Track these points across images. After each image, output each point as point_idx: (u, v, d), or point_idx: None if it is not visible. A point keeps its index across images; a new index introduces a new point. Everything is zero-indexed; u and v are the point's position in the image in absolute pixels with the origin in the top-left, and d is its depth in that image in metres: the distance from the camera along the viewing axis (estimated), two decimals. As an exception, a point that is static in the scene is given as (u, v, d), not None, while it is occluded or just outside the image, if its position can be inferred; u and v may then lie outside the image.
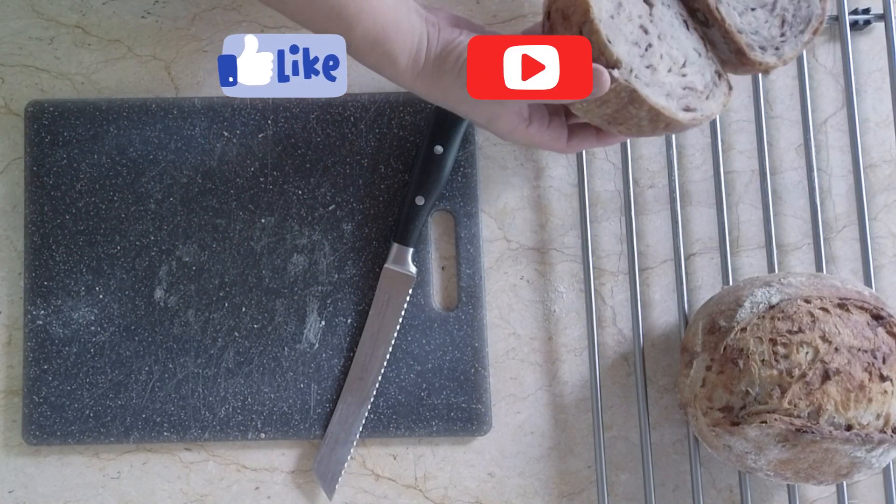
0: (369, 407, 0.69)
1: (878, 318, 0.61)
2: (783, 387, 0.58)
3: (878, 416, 0.59)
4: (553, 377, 0.71)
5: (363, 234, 0.70)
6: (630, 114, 0.54)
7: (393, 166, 0.70)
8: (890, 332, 0.61)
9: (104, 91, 0.72)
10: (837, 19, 0.73)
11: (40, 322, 0.69)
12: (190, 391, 0.69)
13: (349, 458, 0.68)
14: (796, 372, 0.58)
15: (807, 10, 0.58)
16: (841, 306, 0.61)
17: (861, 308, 0.61)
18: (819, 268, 0.70)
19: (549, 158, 0.73)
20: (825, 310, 0.60)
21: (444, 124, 0.68)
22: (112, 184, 0.70)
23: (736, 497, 0.69)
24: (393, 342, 0.69)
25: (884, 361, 0.59)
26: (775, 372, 0.59)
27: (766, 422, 0.58)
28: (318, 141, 0.71)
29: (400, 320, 0.69)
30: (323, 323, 0.69)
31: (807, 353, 0.59)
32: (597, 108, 0.55)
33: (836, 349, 0.59)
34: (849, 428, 0.58)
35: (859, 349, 0.59)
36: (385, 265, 0.69)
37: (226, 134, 0.71)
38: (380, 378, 0.69)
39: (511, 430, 0.70)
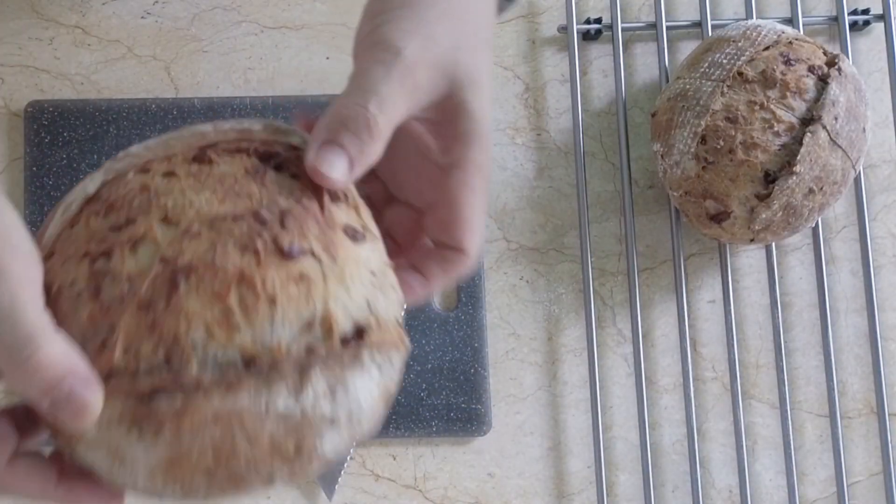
0: (369, 407, 0.68)
1: (269, 158, 0.36)
2: (113, 327, 0.33)
3: (308, 324, 0.33)
4: (553, 377, 0.71)
5: (363, 234, 0.70)
6: None
7: (392, 166, 0.70)
8: (300, 176, 0.36)
9: (104, 91, 0.72)
10: (836, 20, 0.73)
11: (40, 322, 0.69)
12: (189, 391, 0.68)
13: (349, 458, 0.68)
14: (126, 293, 0.33)
15: None
16: (199, 159, 0.36)
17: (239, 152, 0.37)
18: (819, 269, 0.70)
19: (548, 159, 0.73)
20: (171, 174, 0.36)
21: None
22: (112, 184, 0.70)
23: (736, 498, 0.69)
24: (392, 342, 0.69)
25: (282, 224, 0.34)
26: (97, 307, 0.33)
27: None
28: (317, 141, 0.71)
29: (399, 320, 0.69)
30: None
31: (139, 255, 0.33)
32: None
33: (188, 231, 0.34)
34: (251, 362, 0.32)
35: (233, 217, 0.34)
36: (384, 265, 0.68)
37: (225, 134, 0.71)
38: (379, 378, 0.68)
39: (511, 430, 0.70)
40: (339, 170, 0.34)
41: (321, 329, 0.33)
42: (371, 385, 0.35)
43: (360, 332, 0.34)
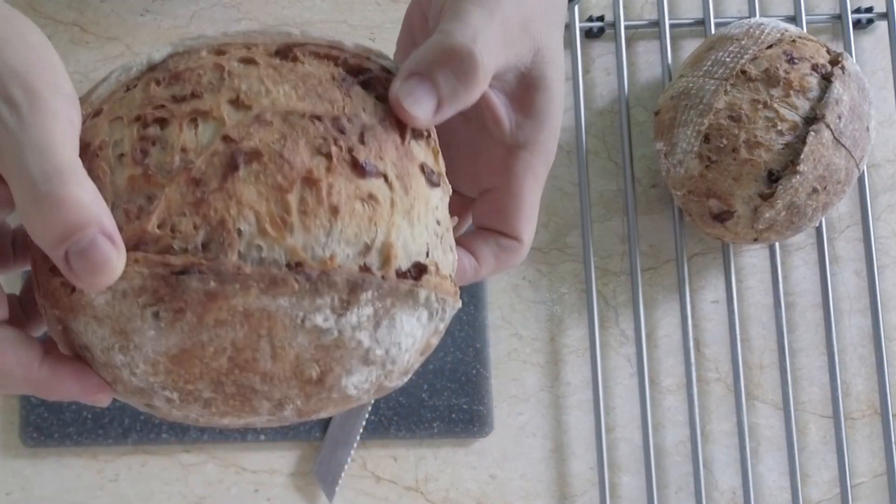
0: (370, 408, 0.68)
1: (359, 72, 0.33)
2: (153, 196, 0.29)
3: (366, 247, 0.30)
4: (555, 378, 0.70)
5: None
6: None
7: (393, 165, 0.70)
8: (385, 100, 0.33)
9: (102, 89, 0.72)
10: (840, 18, 0.72)
11: (37, 323, 0.68)
12: (189, 392, 0.68)
13: (349, 460, 0.68)
14: (176, 165, 0.30)
15: None
16: (283, 54, 0.33)
17: (328, 58, 0.33)
18: (823, 268, 0.69)
19: (550, 158, 0.72)
20: (250, 61, 0.32)
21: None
22: (110, 183, 0.69)
23: (739, 499, 0.69)
24: (394, 343, 0.68)
25: (362, 139, 0.31)
26: (139, 171, 0.30)
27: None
28: (318, 140, 0.70)
29: (401, 321, 0.68)
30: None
31: (202, 130, 0.30)
32: None
33: (259, 118, 0.30)
34: (299, 266, 0.29)
35: (311, 116, 0.31)
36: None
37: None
38: (380, 379, 0.68)
39: (513, 431, 0.69)
40: (424, 108, 0.31)
41: (379, 256, 0.30)
42: (417, 328, 0.32)
43: (420, 270, 0.31)
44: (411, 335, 0.31)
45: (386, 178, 0.31)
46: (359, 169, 0.30)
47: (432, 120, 0.31)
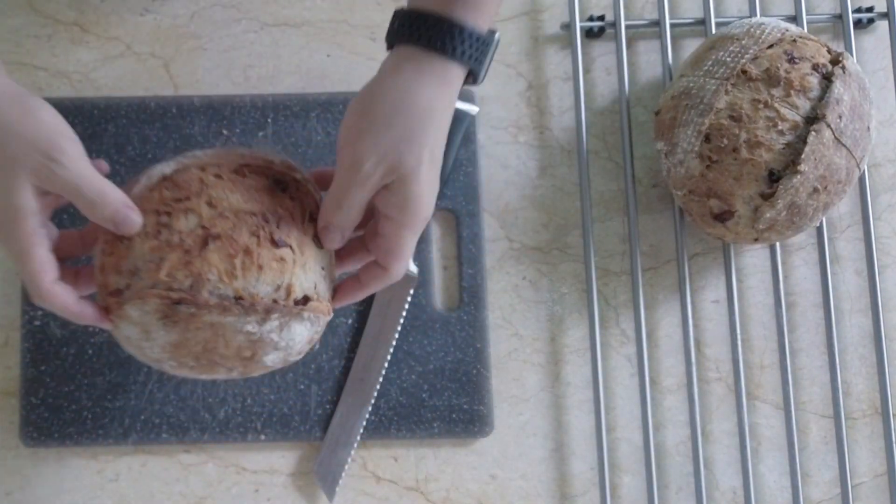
0: (370, 408, 0.68)
1: (280, 182, 0.56)
2: (163, 258, 0.52)
3: (277, 287, 0.53)
4: (555, 378, 0.70)
5: (364, 233, 0.70)
6: None
7: (394, 165, 0.70)
8: (295, 199, 0.56)
9: (102, 89, 0.72)
10: (841, 18, 0.72)
11: (38, 322, 0.68)
12: (189, 392, 0.68)
13: (350, 460, 0.68)
14: (176, 241, 0.52)
15: None
16: (238, 171, 0.55)
17: (262, 174, 0.56)
18: (823, 268, 0.69)
19: (551, 158, 0.72)
20: (219, 176, 0.55)
21: (445, 123, 0.68)
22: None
23: (740, 499, 0.69)
24: (394, 343, 0.68)
25: (278, 225, 0.54)
26: (157, 243, 0.52)
27: (143, 298, 0.52)
28: (318, 139, 0.70)
29: (401, 321, 0.69)
30: (323, 323, 0.69)
31: (189, 220, 0.53)
32: None
33: (221, 214, 0.53)
34: (239, 299, 0.52)
35: (249, 213, 0.53)
36: (386, 265, 0.69)
37: (225, 132, 0.70)
38: (381, 379, 0.68)
39: (513, 431, 0.69)
40: (334, 242, 0.55)
41: (284, 292, 0.53)
42: (304, 331, 0.55)
43: (305, 300, 0.54)
44: (300, 334, 0.55)
45: (291, 247, 0.54)
46: (275, 243, 0.53)
47: (341, 242, 0.55)
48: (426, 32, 0.50)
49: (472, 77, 0.53)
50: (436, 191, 0.53)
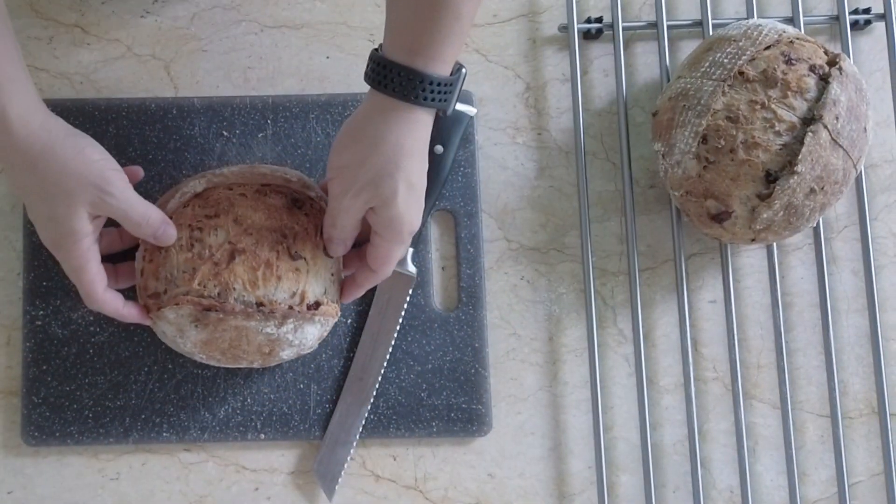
0: (369, 408, 0.68)
1: (296, 201, 0.64)
2: (196, 269, 0.61)
3: (293, 294, 0.62)
4: (553, 378, 0.70)
5: (363, 234, 0.70)
6: None
7: (393, 166, 0.70)
8: (310, 215, 0.64)
9: (103, 91, 0.72)
10: (838, 19, 0.73)
11: (39, 322, 0.68)
12: (189, 392, 0.68)
13: (349, 458, 0.68)
14: (207, 254, 0.61)
15: None
16: (260, 191, 0.64)
17: (281, 193, 0.64)
18: (820, 269, 0.70)
19: (549, 158, 0.73)
20: (244, 195, 0.64)
21: (444, 124, 0.68)
22: (111, 184, 0.70)
23: (737, 498, 0.69)
24: (393, 343, 0.69)
25: (294, 240, 0.62)
26: (190, 255, 0.62)
27: (178, 303, 0.61)
28: (317, 140, 0.71)
29: (400, 321, 0.69)
30: (323, 323, 0.69)
31: (218, 235, 0.62)
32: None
33: (246, 231, 0.62)
34: (260, 305, 0.61)
35: (270, 229, 0.62)
36: (384, 265, 0.69)
37: (225, 133, 0.70)
38: (380, 379, 0.68)
39: (511, 430, 0.70)
40: (338, 250, 0.64)
41: (299, 298, 0.62)
42: (314, 331, 0.64)
43: (317, 304, 0.63)
44: (311, 334, 0.64)
45: (305, 259, 0.63)
46: (292, 256, 0.63)
47: (343, 251, 0.64)
48: (392, 83, 0.56)
49: (442, 111, 0.58)
50: (420, 208, 0.60)
